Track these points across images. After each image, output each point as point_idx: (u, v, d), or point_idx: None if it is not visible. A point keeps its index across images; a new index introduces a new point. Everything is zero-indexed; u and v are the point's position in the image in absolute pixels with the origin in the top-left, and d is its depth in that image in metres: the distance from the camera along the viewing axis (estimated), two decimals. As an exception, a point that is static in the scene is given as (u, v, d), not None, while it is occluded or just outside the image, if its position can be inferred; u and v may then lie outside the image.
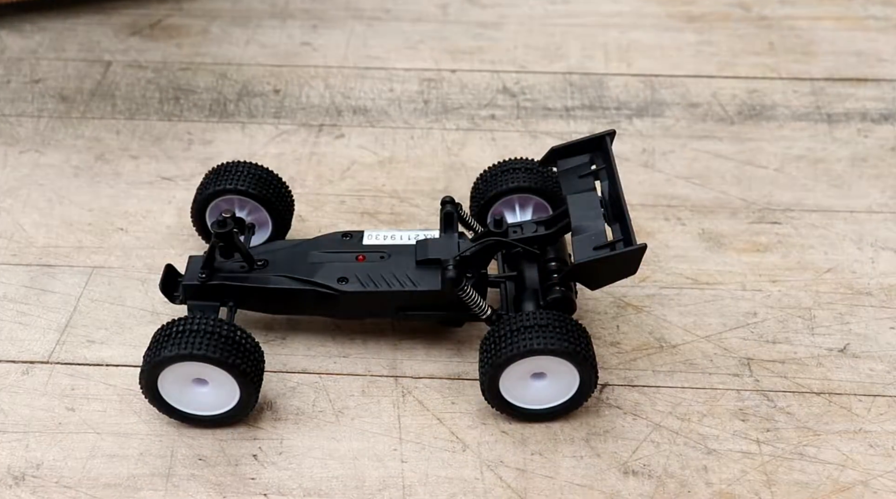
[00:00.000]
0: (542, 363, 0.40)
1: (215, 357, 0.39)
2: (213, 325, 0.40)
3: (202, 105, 0.62)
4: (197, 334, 0.39)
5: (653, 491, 0.40)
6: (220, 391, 0.41)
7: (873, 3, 0.73)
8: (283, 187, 0.49)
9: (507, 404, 0.42)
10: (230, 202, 0.48)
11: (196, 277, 0.44)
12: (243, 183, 0.48)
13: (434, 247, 0.44)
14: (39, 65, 0.66)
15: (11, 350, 0.46)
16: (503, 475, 0.41)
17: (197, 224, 0.49)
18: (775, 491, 0.40)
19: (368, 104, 0.63)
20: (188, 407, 0.41)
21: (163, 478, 0.40)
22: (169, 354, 0.39)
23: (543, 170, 0.48)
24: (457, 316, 0.44)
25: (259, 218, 0.49)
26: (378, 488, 0.40)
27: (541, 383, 0.41)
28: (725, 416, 0.43)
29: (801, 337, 0.47)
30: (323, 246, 0.46)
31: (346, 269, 0.44)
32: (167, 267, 0.45)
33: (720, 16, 0.72)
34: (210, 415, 0.42)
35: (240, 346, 0.40)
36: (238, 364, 0.40)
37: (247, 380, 0.40)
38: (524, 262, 0.44)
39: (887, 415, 0.43)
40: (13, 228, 0.53)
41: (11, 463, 0.41)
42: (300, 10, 0.73)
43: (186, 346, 0.39)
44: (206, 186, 0.48)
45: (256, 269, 0.45)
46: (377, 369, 0.45)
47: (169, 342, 0.39)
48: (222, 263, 0.45)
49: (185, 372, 0.40)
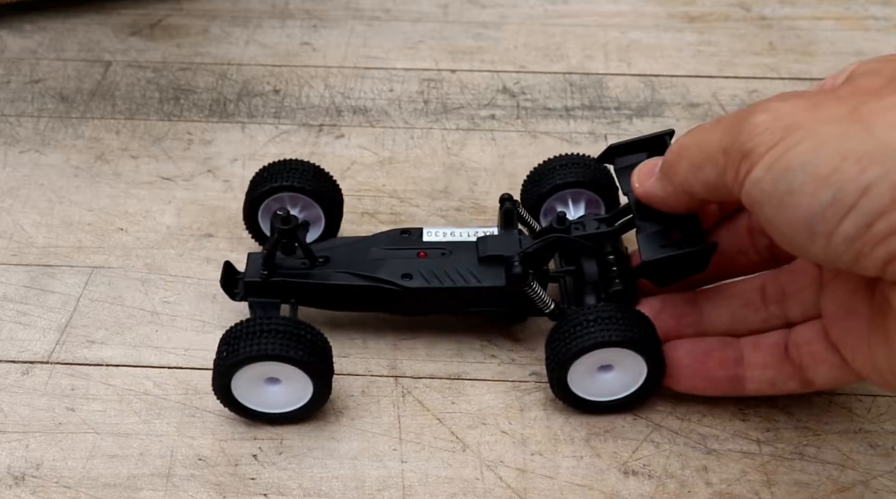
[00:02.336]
0: (609, 355, 0.41)
1: (292, 356, 0.39)
2: (286, 325, 0.40)
3: (202, 105, 0.62)
4: (271, 334, 0.40)
5: (653, 491, 0.40)
6: (292, 389, 0.41)
7: (873, 3, 0.73)
8: (333, 183, 0.50)
9: (575, 398, 0.42)
10: (281, 200, 0.48)
11: (258, 274, 0.44)
12: (298, 180, 0.48)
13: (496, 243, 0.44)
14: (39, 65, 0.66)
15: (11, 350, 0.46)
16: (503, 475, 0.41)
17: (248, 224, 0.50)
18: (775, 491, 0.40)
19: (368, 104, 0.63)
20: (261, 406, 0.42)
21: (163, 478, 0.40)
22: (245, 355, 0.39)
23: (598, 165, 0.49)
24: (520, 311, 0.45)
25: (310, 215, 0.49)
26: (378, 488, 0.40)
27: (608, 375, 0.42)
28: (725, 416, 0.43)
29: (801, 337, 0.47)
30: (382, 243, 0.46)
31: (409, 265, 0.44)
32: (226, 264, 0.46)
33: (720, 16, 0.72)
34: (282, 412, 0.42)
35: (313, 344, 0.40)
36: (312, 362, 0.40)
37: (320, 377, 0.41)
38: (582, 256, 0.45)
39: (887, 415, 0.43)
40: (13, 228, 0.53)
41: (11, 463, 0.41)
42: (300, 10, 0.73)
43: (262, 346, 0.39)
44: (257, 184, 0.49)
45: (318, 266, 0.45)
46: (377, 369, 0.45)
47: (242, 343, 0.40)
48: (283, 260, 0.45)
49: (259, 372, 0.40)
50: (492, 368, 0.45)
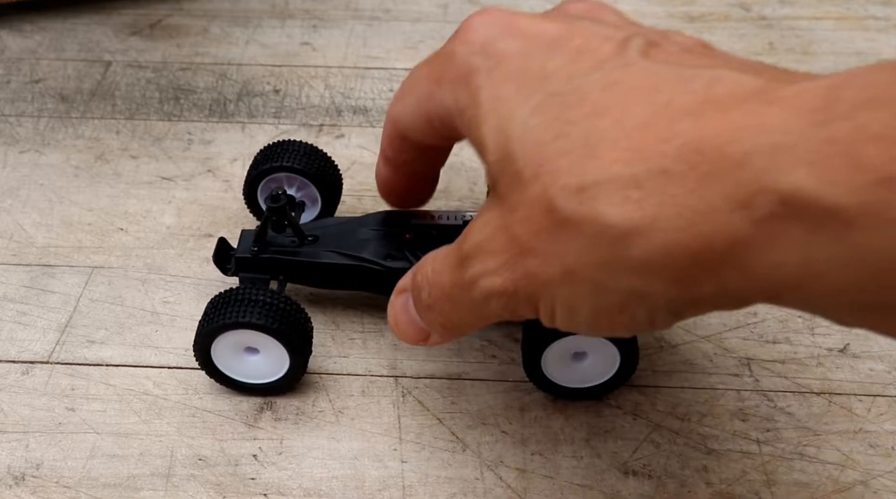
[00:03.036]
0: (581, 343, 0.41)
1: (270, 326, 0.40)
2: (267, 295, 0.41)
3: (202, 105, 0.62)
4: (252, 304, 0.41)
5: (653, 491, 0.40)
6: (270, 360, 0.42)
7: (873, 3, 0.73)
8: (331, 164, 0.50)
9: (549, 383, 0.43)
10: (279, 180, 0.50)
11: (248, 250, 0.45)
12: (295, 160, 0.49)
13: None
14: (39, 65, 0.66)
15: (11, 350, 0.46)
16: (503, 475, 0.41)
17: (248, 202, 0.51)
18: (775, 491, 0.40)
19: (368, 104, 0.63)
20: (239, 375, 0.43)
21: (163, 478, 0.40)
22: (224, 322, 0.41)
23: None
24: None
25: (307, 195, 0.50)
26: (378, 488, 0.40)
27: (584, 363, 0.42)
28: (725, 416, 0.43)
29: (801, 337, 0.47)
30: (371, 224, 0.46)
31: (394, 246, 0.45)
32: (220, 240, 0.47)
33: (720, 16, 0.72)
34: (259, 383, 0.43)
35: (289, 315, 0.41)
36: (287, 332, 0.41)
37: (295, 348, 0.41)
38: None
39: (887, 415, 0.43)
40: (13, 228, 0.53)
41: (11, 463, 0.41)
42: (300, 10, 0.73)
43: (243, 314, 0.40)
44: (257, 163, 0.50)
45: (307, 244, 0.45)
46: (377, 369, 0.45)
47: (225, 310, 0.41)
48: (274, 238, 0.46)
49: (237, 340, 0.42)
50: (492, 368, 0.45)
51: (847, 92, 0.23)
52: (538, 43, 0.30)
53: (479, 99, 0.31)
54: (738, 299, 0.26)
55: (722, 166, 0.24)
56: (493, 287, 0.30)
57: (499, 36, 0.31)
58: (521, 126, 0.28)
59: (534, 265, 0.28)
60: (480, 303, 0.31)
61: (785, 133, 0.23)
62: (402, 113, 0.37)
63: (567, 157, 0.26)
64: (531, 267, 0.28)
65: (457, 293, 0.32)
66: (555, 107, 0.28)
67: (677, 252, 0.25)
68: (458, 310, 0.33)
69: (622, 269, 0.26)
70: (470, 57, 0.31)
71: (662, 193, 0.24)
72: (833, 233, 0.22)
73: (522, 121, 0.28)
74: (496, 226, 0.29)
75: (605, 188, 0.25)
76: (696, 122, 0.25)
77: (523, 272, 0.29)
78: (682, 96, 0.26)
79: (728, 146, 0.24)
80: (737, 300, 0.26)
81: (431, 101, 0.34)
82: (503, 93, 0.30)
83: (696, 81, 0.26)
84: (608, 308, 0.28)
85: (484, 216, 0.31)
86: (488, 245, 0.30)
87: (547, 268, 0.28)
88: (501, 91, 0.30)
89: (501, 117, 0.29)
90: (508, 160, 0.28)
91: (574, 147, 0.26)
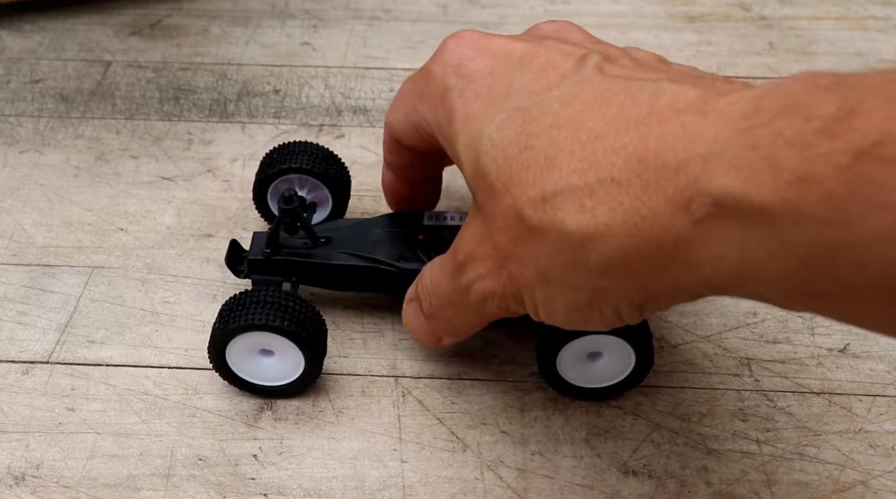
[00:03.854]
0: (598, 342, 0.41)
1: (285, 328, 0.40)
2: (284, 297, 0.41)
3: (202, 105, 0.62)
4: (270, 306, 0.41)
5: (653, 491, 0.40)
6: (285, 362, 0.42)
7: (873, 3, 0.73)
8: (342, 166, 0.50)
9: (565, 384, 0.43)
10: (291, 182, 0.49)
11: (261, 252, 0.45)
12: (309, 162, 0.49)
13: None
14: (39, 65, 0.66)
15: (11, 350, 0.46)
16: (503, 475, 0.41)
17: (258, 203, 0.51)
18: (775, 491, 0.40)
19: (368, 104, 0.63)
20: (253, 377, 0.43)
21: (163, 478, 0.40)
22: (241, 324, 0.40)
23: None
24: None
25: (317, 196, 0.50)
26: (378, 488, 0.40)
27: (598, 363, 0.42)
28: (725, 416, 0.43)
29: (801, 337, 0.47)
30: (384, 225, 0.46)
31: (407, 248, 0.45)
32: (232, 242, 0.46)
33: (720, 16, 0.72)
34: (272, 385, 0.43)
35: (304, 317, 0.41)
36: (302, 334, 0.41)
37: (311, 350, 0.41)
38: None
39: (887, 415, 0.43)
40: (13, 228, 0.53)
41: (11, 463, 0.41)
42: (300, 10, 0.73)
43: (260, 317, 0.40)
44: (266, 165, 0.50)
45: (319, 245, 0.45)
46: (377, 369, 0.45)
47: (241, 312, 0.41)
48: (286, 240, 0.46)
49: (252, 342, 0.41)
50: (492, 368, 0.45)
51: (767, 101, 0.25)
52: (506, 62, 0.33)
53: (452, 117, 0.34)
54: (690, 293, 0.29)
55: (663, 174, 0.26)
56: (486, 289, 0.34)
57: (471, 57, 0.34)
58: (488, 142, 0.32)
59: (514, 269, 0.32)
60: (479, 304, 0.35)
61: (715, 141, 0.25)
62: (395, 121, 0.40)
63: (531, 169, 0.30)
64: (513, 270, 0.32)
65: (457, 298, 0.36)
66: (519, 121, 0.31)
67: (630, 254, 0.27)
68: (460, 313, 0.37)
69: (585, 271, 0.29)
70: (445, 77, 0.35)
71: (612, 200, 0.27)
72: (762, 229, 0.24)
73: (489, 137, 0.32)
74: (481, 235, 0.33)
75: (563, 197, 0.28)
76: (641, 133, 0.27)
77: (507, 275, 0.32)
78: (630, 109, 0.28)
79: (667, 155, 0.26)
80: (690, 294, 0.29)
81: (416, 114, 0.38)
82: (473, 111, 0.33)
83: (642, 95, 0.29)
84: (579, 305, 0.31)
85: (471, 226, 0.34)
86: (477, 252, 0.33)
87: (525, 271, 0.31)
88: (471, 109, 0.33)
89: (472, 135, 0.32)
90: (481, 175, 0.32)
91: (537, 159, 0.30)
